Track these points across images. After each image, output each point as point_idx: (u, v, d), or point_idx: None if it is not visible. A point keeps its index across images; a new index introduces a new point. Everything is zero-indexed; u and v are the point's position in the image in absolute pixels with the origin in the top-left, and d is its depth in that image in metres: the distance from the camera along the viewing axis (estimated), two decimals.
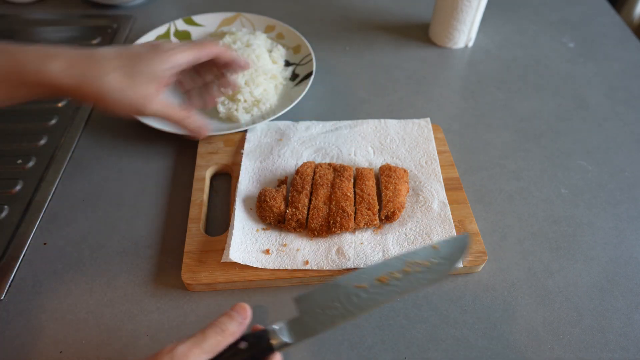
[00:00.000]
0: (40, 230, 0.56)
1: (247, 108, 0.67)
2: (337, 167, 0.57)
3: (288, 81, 0.73)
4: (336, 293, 0.39)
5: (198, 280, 0.49)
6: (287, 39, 0.79)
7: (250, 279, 0.49)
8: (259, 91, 0.68)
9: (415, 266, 0.40)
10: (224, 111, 0.67)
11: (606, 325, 0.48)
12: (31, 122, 0.68)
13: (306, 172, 0.56)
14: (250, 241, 0.52)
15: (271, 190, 0.54)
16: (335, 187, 0.54)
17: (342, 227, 0.52)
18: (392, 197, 0.53)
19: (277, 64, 0.74)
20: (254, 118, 0.67)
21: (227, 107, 0.67)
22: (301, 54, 0.76)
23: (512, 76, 0.78)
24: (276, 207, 0.53)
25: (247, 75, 0.68)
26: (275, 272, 0.50)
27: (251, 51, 0.71)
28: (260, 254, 0.51)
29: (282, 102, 0.69)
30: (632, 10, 1.33)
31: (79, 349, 0.46)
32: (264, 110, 0.68)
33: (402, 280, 0.39)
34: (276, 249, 0.52)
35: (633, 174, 0.63)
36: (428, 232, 0.53)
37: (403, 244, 0.52)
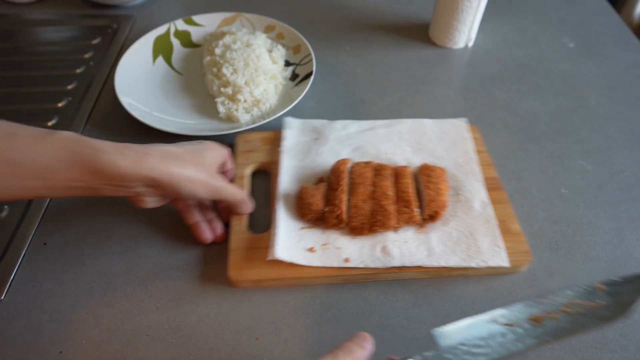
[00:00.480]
0: (40, 230, 0.56)
1: (247, 108, 0.67)
2: (375, 165, 0.57)
3: (288, 81, 0.73)
4: (481, 330, 0.36)
5: (245, 277, 0.50)
6: (287, 39, 0.79)
7: (297, 276, 0.50)
8: (259, 91, 0.68)
9: (576, 307, 0.36)
10: (223, 111, 0.67)
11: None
12: (31, 122, 0.67)
13: (340, 170, 0.56)
14: (294, 239, 0.52)
15: (309, 188, 0.55)
16: (375, 185, 0.55)
17: (384, 225, 0.52)
18: (434, 196, 0.53)
19: (277, 64, 0.74)
20: (254, 118, 0.67)
21: (227, 107, 0.67)
22: (301, 54, 0.76)
23: (512, 76, 0.78)
24: (315, 204, 0.53)
25: (247, 75, 0.68)
26: (320, 270, 0.50)
27: (251, 51, 0.71)
28: (304, 251, 0.51)
29: (282, 102, 0.69)
30: (632, 10, 1.33)
31: (79, 349, 0.46)
32: (264, 110, 0.68)
33: (561, 322, 0.35)
34: (320, 246, 0.52)
35: (633, 174, 0.63)
36: (472, 231, 0.52)
37: (447, 243, 0.52)
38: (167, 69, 0.76)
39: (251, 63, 0.69)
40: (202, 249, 0.54)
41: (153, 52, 0.77)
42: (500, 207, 0.55)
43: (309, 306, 0.49)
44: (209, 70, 0.72)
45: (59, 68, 0.78)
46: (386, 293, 0.50)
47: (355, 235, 0.53)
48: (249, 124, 0.64)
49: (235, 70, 0.69)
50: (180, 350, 0.46)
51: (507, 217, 0.55)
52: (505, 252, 0.51)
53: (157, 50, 0.77)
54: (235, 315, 0.49)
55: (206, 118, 0.68)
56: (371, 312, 0.49)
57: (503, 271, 0.52)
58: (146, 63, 0.75)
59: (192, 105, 0.70)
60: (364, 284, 0.51)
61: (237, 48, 0.71)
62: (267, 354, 0.46)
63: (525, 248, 0.52)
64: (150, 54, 0.77)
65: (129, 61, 0.73)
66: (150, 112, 0.67)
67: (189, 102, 0.71)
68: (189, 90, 0.73)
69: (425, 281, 0.51)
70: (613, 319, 0.35)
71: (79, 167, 0.41)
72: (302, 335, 0.47)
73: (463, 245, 0.51)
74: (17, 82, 0.76)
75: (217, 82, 0.69)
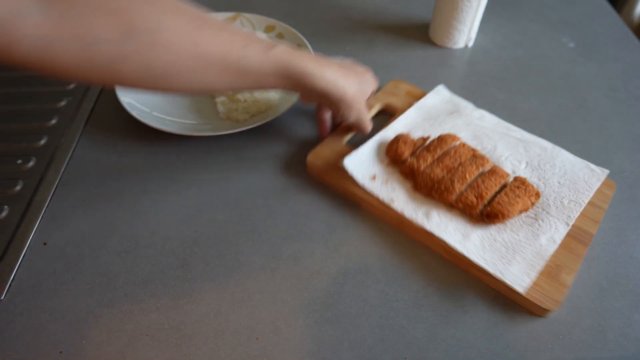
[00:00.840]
0: (40, 230, 0.56)
1: (247, 108, 0.67)
2: (478, 154, 0.58)
3: None
4: None
5: (316, 164, 0.60)
6: (287, 39, 0.79)
7: (349, 189, 0.58)
8: (259, 91, 0.68)
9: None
10: (223, 111, 0.67)
11: (606, 325, 0.48)
12: (31, 122, 0.68)
13: (445, 140, 0.59)
14: (367, 163, 0.59)
15: (408, 137, 0.60)
16: (462, 165, 0.56)
17: (442, 197, 0.54)
18: (505, 203, 0.52)
19: None
20: (254, 118, 0.67)
21: (227, 107, 0.67)
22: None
23: (512, 76, 0.78)
24: (401, 150, 0.58)
25: None
26: (368, 196, 0.57)
27: None
28: (367, 176, 0.58)
29: (283, 101, 0.69)
30: (632, 10, 1.33)
31: (79, 349, 0.46)
32: (264, 110, 0.68)
33: None
34: (381, 179, 0.58)
35: (633, 174, 0.63)
36: (516, 250, 0.51)
37: (485, 243, 0.51)
38: None
39: None
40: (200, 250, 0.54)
41: None
42: (569, 256, 0.51)
43: (308, 306, 0.49)
44: None
45: None
46: (386, 293, 0.50)
47: (414, 190, 0.56)
48: (249, 124, 0.64)
49: None
50: (180, 350, 0.46)
51: (567, 266, 0.50)
52: (530, 282, 0.48)
53: None
54: (235, 315, 0.49)
55: (206, 118, 0.68)
56: (371, 312, 0.49)
57: (522, 302, 0.49)
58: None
59: (192, 105, 0.70)
60: (364, 284, 0.51)
61: None
62: (267, 354, 0.46)
63: (559, 298, 0.48)
64: None
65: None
66: (150, 112, 0.67)
67: (188, 101, 0.71)
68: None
69: (425, 280, 0.51)
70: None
71: (287, 80, 0.51)
72: (302, 335, 0.47)
73: (497, 253, 0.51)
74: (17, 82, 0.76)
75: None
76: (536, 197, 0.55)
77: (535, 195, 0.55)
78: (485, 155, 0.59)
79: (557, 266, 0.50)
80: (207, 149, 0.65)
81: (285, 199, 0.59)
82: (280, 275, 0.52)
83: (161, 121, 0.65)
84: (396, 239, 0.55)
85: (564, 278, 0.49)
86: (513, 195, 0.53)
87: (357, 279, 0.52)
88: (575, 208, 0.55)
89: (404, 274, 0.52)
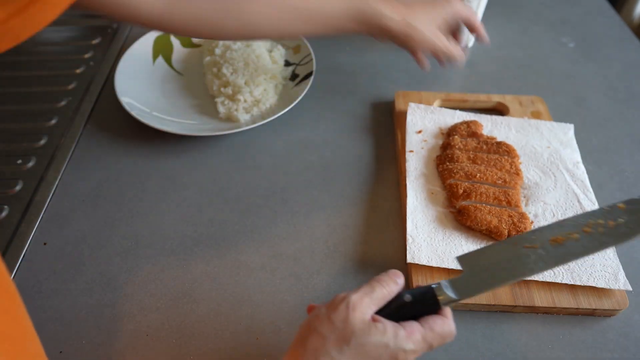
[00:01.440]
0: (40, 230, 0.56)
1: (247, 108, 0.67)
2: (519, 171, 0.58)
3: (288, 81, 0.73)
4: (503, 253, 0.37)
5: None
6: (287, 39, 0.79)
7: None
8: (259, 91, 0.67)
9: (597, 227, 0.36)
10: (223, 111, 0.67)
11: (606, 324, 0.48)
12: (31, 122, 0.68)
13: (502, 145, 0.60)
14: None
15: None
16: (492, 167, 0.57)
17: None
18: (485, 212, 0.53)
19: (277, 64, 0.74)
20: (254, 118, 0.67)
21: (227, 107, 0.67)
22: (301, 53, 0.76)
23: (512, 76, 0.78)
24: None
25: (247, 75, 0.68)
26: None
27: (251, 51, 0.71)
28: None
29: (282, 102, 0.69)
30: (632, 10, 1.33)
31: (79, 349, 0.46)
32: (264, 110, 0.68)
33: (580, 241, 0.36)
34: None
35: (633, 174, 0.63)
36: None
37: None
38: (167, 69, 0.76)
39: (251, 63, 0.70)
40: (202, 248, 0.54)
41: (153, 52, 0.77)
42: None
43: None
44: (209, 70, 0.72)
45: (59, 68, 0.78)
46: None
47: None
48: (249, 124, 0.64)
49: (235, 70, 0.69)
50: (180, 350, 0.46)
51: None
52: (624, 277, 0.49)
53: (157, 51, 0.77)
54: (235, 315, 0.49)
55: (206, 118, 0.68)
56: None
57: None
58: (146, 63, 0.75)
59: (192, 105, 0.70)
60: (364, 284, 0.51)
61: (237, 48, 0.72)
62: (267, 354, 0.46)
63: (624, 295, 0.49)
64: (150, 54, 0.76)
65: (129, 61, 0.73)
66: (150, 112, 0.67)
67: (189, 102, 0.71)
68: (189, 90, 0.73)
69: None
70: (632, 235, 0.35)
71: (362, 25, 0.54)
72: None
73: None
74: (17, 82, 0.76)
75: (217, 82, 0.69)
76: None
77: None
78: (523, 179, 0.58)
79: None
80: (207, 148, 0.65)
81: (285, 198, 0.59)
82: (280, 275, 0.52)
83: (161, 121, 0.65)
84: (397, 239, 0.55)
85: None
86: (496, 215, 0.52)
87: (357, 279, 0.52)
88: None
89: (404, 274, 0.52)
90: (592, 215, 0.38)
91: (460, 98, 0.70)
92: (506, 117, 0.66)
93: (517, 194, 0.55)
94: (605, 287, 0.48)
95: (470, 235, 0.52)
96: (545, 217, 0.54)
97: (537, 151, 0.61)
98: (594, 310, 0.48)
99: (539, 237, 0.37)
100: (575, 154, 0.61)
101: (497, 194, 0.54)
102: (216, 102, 0.68)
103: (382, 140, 0.67)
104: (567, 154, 0.61)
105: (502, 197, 0.54)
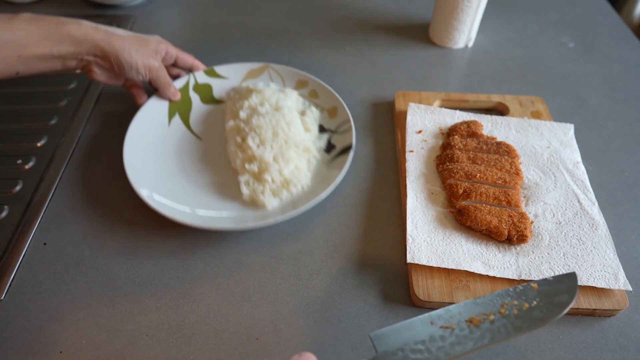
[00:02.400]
0: (40, 230, 0.56)
1: (274, 190, 0.57)
2: (519, 171, 0.57)
3: (323, 152, 0.62)
4: (418, 333, 0.36)
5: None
6: (322, 99, 0.68)
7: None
8: (290, 169, 0.57)
9: (512, 308, 0.36)
10: (247, 193, 0.56)
11: (606, 324, 0.48)
12: (31, 122, 0.68)
13: (503, 145, 0.60)
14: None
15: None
16: (492, 166, 0.57)
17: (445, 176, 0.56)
18: (485, 212, 0.53)
19: (310, 132, 0.63)
20: (283, 204, 0.56)
21: (252, 189, 0.56)
22: (338, 118, 0.65)
23: (512, 76, 0.78)
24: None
25: (275, 148, 0.58)
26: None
27: (281, 116, 0.61)
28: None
29: (316, 181, 0.58)
30: (632, 10, 1.33)
31: (79, 349, 0.46)
32: (295, 193, 0.57)
33: (495, 324, 0.35)
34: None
35: (633, 174, 0.63)
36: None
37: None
38: (184, 132, 0.66)
39: (281, 132, 0.59)
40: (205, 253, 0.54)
41: (169, 110, 0.67)
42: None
43: (308, 306, 0.49)
44: (232, 139, 0.61)
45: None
46: (386, 293, 0.50)
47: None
48: (278, 214, 0.54)
49: (262, 142, 0.59)
50: (180, 350, 0.46)
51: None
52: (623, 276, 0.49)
53: (173, 108, 0.68)
54: (235, 315, 0.49)
55: (227, 200, 0.57)
56: (371, 312, 0.49)
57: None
58: (160, 124, 0.66)
59: (212, 183, 0.59)
60: (364, 284, 0.51)
61: (264, 112, 0.62)
62: (267, 354, 0.46)
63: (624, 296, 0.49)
64: (166, 113, 0.67)
65: (141, 121, 0.64)
66: (161, 200, 0.55)
67: (207, 178, 0.60)
68: (209, 161, 0.62)
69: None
70: (545, 321, 0.35)
71: (48, 40, 0.54)
72: (302, 335, 0.47)
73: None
74: (17, 82, 0.76)
75: (241, 156, 0.59)
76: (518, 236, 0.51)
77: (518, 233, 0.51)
78: (523, 179, 0.57)
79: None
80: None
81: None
82: (280, 275, 0.52)
83: (174, 212, 0.54)
84: (397, 239, 0.55)
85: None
86: (496, 215, 0.52)
87: (357, 279, 0.52)
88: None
89: (404, 274, 0.52)
90: (507, 295, 0.37)
91: (460, 98, 0.70)
92: (506, 117, 0.66)
93: (517, 194, 0.55)
94: (605, 287, 0.48)
95: (470, 235, 0.52)
96: (545, 217, 0.54)
97: (537, 151, 0.61)
98: (594, 310, 0.48)
99: (456, 317, 0.36)
100: (575, 154, 0.61)
101: (497, 193, 0.54)
102: (239, 180, 0.57)
103: (382, 140, 0.67)
104: (567, 154, 0.61)
105: (502, 197, 0.54)
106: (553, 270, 0.49)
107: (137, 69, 0.61)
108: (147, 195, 0.55)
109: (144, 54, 0.61)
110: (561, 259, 0.50)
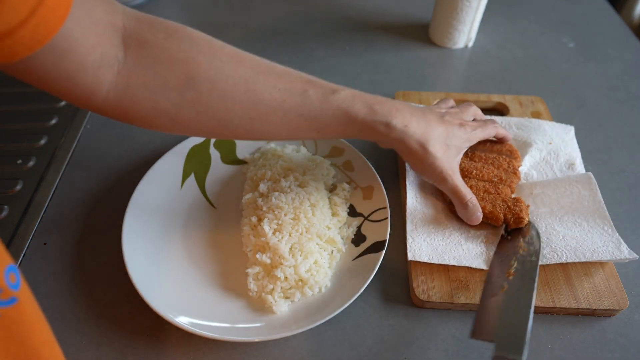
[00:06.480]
0: (40, 230, 0.56)
1: (286, 290, 0.48)
2: (516, 170, 0.57)
3: (350, 244, 0.52)
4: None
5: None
6: (357, 173, 0.58)
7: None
8: (307, 266, 0.48)
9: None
10: (255, 289, 0.48)
11: (606, 324, 0.48)
12: (31, 122, 0.68)
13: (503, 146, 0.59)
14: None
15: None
16: (490, 162, 0.57)
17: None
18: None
19: (338, 217, 0.54)
20: (296, 309, 0.47)
21: (260, 286, 0.48)
22: (372, 201, 0.54)
23: (512, 76, 0.78)
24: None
25: (294, 237, 0.49)
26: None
27: (305, 196, 0.52)
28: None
29: (337, 282, 0.49)
30: (632, 10, 1.33)
31: (79, 349, 0.46)
32: (310, 297, 0.48)
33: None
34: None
35: (633, 174, 0.63)
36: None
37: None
38: (197, 196, 0.57)
39: (303, 218, 0.50)
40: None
41: (184, 170, 0.58)
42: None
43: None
44: (248, 217, 0.52)
45: None
46: (386, 293, 0.50)
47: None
48: (291, 328, 0.44)
49: (279, 228, 0.50)
50: (180, 350, 0.46)
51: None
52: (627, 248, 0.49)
53: (189, 167, 0.58)
54: None
55: (232, 296, 0.49)
56: (371, 312, 0.49)
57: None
58: (172, 186, 0.57)
59: (217, 273, 0.51)
60: None
61: (287, 187, 0.53)
62: (267, 353, 0.46)
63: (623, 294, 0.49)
64: (180, 173, 0.58)
65: (150, 182, 0.56)
66: (159, 299, 0.46)
67: (213, 266, 0.51)
68: (218, 241, 0.53)
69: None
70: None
71: (352, 128, 0.47)
72: (302, 335, 0.47)
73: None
74: (17, 81, 0.76)
75: (253, 241, 0.50)
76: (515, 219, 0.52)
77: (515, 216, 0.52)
78: (520, 179, 0.57)
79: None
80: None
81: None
82: None
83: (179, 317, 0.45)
84: (397, 239, 0.55)
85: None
86: (490, 202, 0.53)
87: None
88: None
89: (404, 274, 0.52)
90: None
91: (460, 98, 0.70)
92: (506, 117, 0.66)
93: (507, 190, 0.55)
94: (611, 260, 0.49)
95: (470, 235, 0.52)
96: (537, 204, 0.55)
97: (537, 150, 0.61)
98: (594, 310, 0.48)
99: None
100: (575, 154, 0.61)
101: (487, 187, 0.54)
102: (248, 272, 0.49)
103: None
104: (567, 154, 0.61)
105: (493, 189, 0.54)
106: (555, 252, 0.50)
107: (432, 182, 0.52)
108: (145, 293, 0.46)
109: (450, 161, 0.50)
110: (561, 241, 0.51)
